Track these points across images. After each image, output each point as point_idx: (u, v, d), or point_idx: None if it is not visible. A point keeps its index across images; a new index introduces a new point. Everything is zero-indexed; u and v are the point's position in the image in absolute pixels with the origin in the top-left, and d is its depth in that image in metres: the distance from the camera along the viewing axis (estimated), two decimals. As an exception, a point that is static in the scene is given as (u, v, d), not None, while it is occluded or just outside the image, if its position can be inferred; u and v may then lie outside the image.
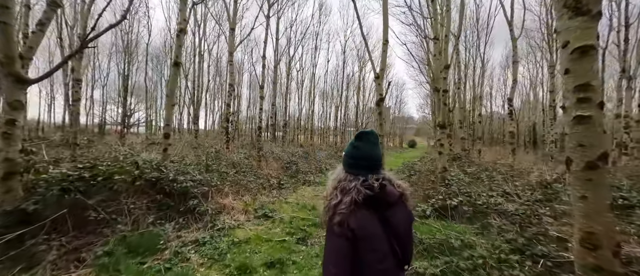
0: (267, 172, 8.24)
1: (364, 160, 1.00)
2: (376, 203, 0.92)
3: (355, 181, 0.94)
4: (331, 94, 31.44)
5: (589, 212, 1.71)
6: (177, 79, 4.66)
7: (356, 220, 0.86)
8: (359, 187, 0.91)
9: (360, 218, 0.87)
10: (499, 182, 5.35)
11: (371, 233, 0.88)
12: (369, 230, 0.88)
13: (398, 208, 0.98)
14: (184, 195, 3.99)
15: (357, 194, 0.90)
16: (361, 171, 0.97)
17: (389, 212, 0.94)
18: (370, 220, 0.90)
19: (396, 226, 0.94)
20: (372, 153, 1.01)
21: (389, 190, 0.96)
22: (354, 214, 0.87)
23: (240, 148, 13.41)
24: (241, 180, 6.09)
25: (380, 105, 3.95)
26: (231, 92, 10.00)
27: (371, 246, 0.87)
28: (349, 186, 0.94)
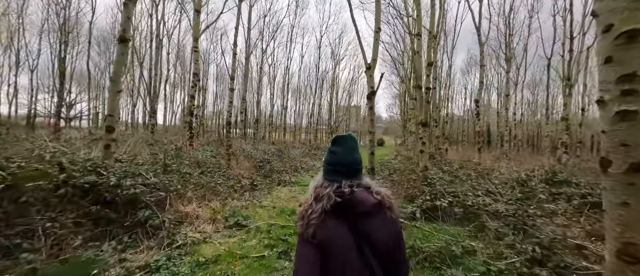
0: (237, 172, 7.44)
1: (341, 166, 0.94)
2: (347, 212, 0.87)
3: (329, 188, 0.91)
4: (305, 91, 30.92)
5: (630, 221, 1.53)
6: (124, 60, 3.75)
7: (323, 231, 0.84)
8: (330, 194, 0.88)
9: (327, 228, 0.85)
10: (478, 181, 5.41)
11: (339, 245, 0.84)
12: (337, 241, 0.84)
13: (376, 218, 0.89)
14: (131, 204, 3.16)
15: (327, 201, 0.87)
16: (338, 177, 0.92)
17: (364, 223, 0.87)
18: (339, 230, 0.86)
19: (372, 238, 0.86)
20: (350, 159, 0.95)
21: (361, 198, 0.89)
22: (323, 224, 0.85)
23: (206, 146, 12.19)
24: (208, 182, 5.29)
25: (371, 99, 3.59)
26: (196, 82, 8.89)
27: (339, 260, 0.82)
28: (322, 193, 0.90)
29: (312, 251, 0.84)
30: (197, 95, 18.85)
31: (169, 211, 3.66)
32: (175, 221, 3.44)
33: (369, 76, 3.82)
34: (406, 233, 3.47)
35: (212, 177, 6.10)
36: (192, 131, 8.94)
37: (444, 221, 3.75)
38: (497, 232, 2.91)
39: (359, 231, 0.86)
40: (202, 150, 10.11)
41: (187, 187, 4.60)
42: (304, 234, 0.87)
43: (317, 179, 0.99)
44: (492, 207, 3.51)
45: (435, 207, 3.94)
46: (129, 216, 3.07)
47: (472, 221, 3.55)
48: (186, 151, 8.62)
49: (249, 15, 12.14)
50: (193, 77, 8.86)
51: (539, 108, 28.22)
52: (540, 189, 4.61)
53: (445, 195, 4.22)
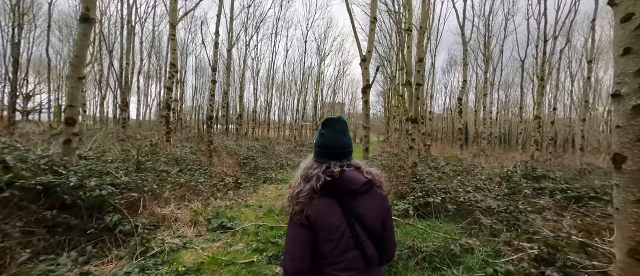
0: (220, 170, 7.02)
1: (331, 148, 0.94)
2: (338, 191, 0.87)
3: (318, 168, 0.91)
4: (289, 87, 30.36)
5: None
6: (87, 42, 3.27)
7: (312, 208, 0.84)
8: (319, 174, 0.89)
9: (316, 206, 0.85)
10: (465, 177, 5.49)
11: (329, 223, 0.84)
12: (326, 219, 0.84)
13: (366, 196, 0.91)
14: (97, 207, 2.75)
15: (316, 181, 0.87)
16: (328, 159, 0.93)
17: (355, 202, 0.88)
18: (329, 209, 0.86)
19: (363, 217, 0.87)
20: (339, 141, 0.95)
21: (351, 176, 0.89)
22: (311, 202, 0.85)
23: (185, 142, 11.49)
24: (187, 181, 4.87)
25: (367, 93, 3.42)
26: (173, 73, 8.23)
27: (329, 237, 0.83)
28: (311, 174, 0.90)
29: (303, 233, 0.83)
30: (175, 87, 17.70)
31: (142, 214, 3.27)
32: (150, 226, 3.07)
33: (364, 68, 3.65)
34: (402, 232, 3.37)
35: (192, 175, 5.67)
36: (169, 126, 8.30)
37: (437, 218, 3.71)
38: (492, 229, 2.88)
39: (351, 210, 0.86)
40: (181, 146, 9.48)
41: (164, 186, 4.18)
42: (294, 216, 0.86)
43: (307, 160, 0.99)
44: (484, 203, 3.51)
45: (428, 204, 3.89)
46: (94, 222, 2.66)
47: (465, 217, 3.53)
48: (163, 147, 8.01)
49: (231, 3, 11.49)
50: (170, 68, 8.19)
51: (510, 107, 29.94)
52: (524, 184, 4.74)
53: (436, 192, 4.19)
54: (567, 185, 4.56)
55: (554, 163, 8.39)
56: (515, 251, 2.49)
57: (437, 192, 4.22)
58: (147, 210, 3.36)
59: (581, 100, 11.80)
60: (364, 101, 3.67)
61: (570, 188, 4.41)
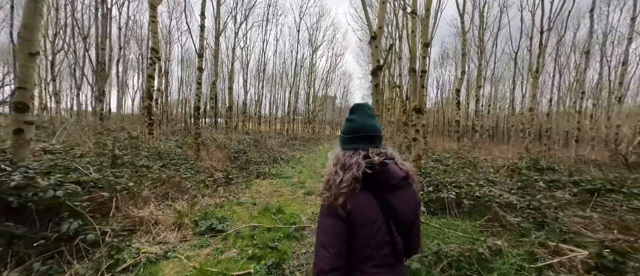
0: (209, 164, 6.47)
1: (360, 132, 0.90)
2: (377, 185, 0.84)
3: (356, 156, 0.86)
4: (281, 79, 29.55)
5: None
6: (39, 8, 2.66)
7: (354, 202, 0.80)
8: (359, 161, 0.83)
9: (358, 200, 0.81)
10: (471, 170, 5.22)
11: (367, 217, 0.81)
12: (365, 213, 0.81)
13: (402, 191, 0.87)
14: (53, 211, 2.22)
15: (357, 169, 0.82)
16: (360, 145, 0.88)
17: (391, 196, 0.84)
18: (368, 202, 0.82)
19: (399, 213, 0.84)
20: (369, 124, 0.91)
21: (392, 170, 0.85)
22: (353, 195, 0.81)
23: (171, 135, 10.76)
24: (171, 177, 4.33)
25: (377, 75, 2.99)
26: (155, 59, 7.50)
27: (366, 232, 0.81)
28: (350, 161, 0.85)
29: (340, 224, 0.80)
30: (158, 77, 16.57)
31: (115, 217, 2.75)
32: (124, 232, 2.57)
33: (374, 47, 3.22)
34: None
35: (177, 171, 5.12)
36: (151, 117, 7.61)
37: (451, 215, 3.39)
38: (520, 228, 2.57)
39: (387, 205, 0.83)
40: (165, 140, 8.80)
41: (143, 183, 3.64)
42: (331, 206, 0.81)
43: (336, 152, 0.94)
44: (502, 198, 3.21)
45: (440, 200, 3.56)
46: (48, 230, 2.14)
47: (482, 214, 3.23)
48: (145, 141, 7.34)
49: (218, -13, 10.68)
50: (151, 53, 7.45)
51: (498, 101, 30.44)
52: (534, 177, 4.51)
53: (447, 186, 3.87)
54: (579, 178, 4.36)
55: (549, 155, 8.35)
56: (552, 254, 2.18)
57: (448, 186, 3.91)
58: (120, 212, 2.84)
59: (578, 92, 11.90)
60: (375, 85, 3.26)
61: (583, 180, 4.21)
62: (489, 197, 3.24)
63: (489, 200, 3.20)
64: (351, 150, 0.88)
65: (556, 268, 2.01)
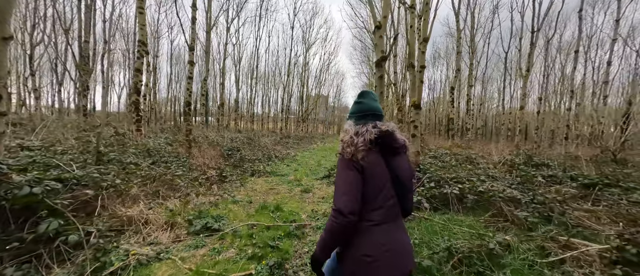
0: (201, 162, 6.23)
1: (369, 111, 1.10)
2: (384, 147, 1.02)
3: (366, 126, 1.05)
4: (273, 78, 29.19)
5: None
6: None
7: (370, 157, 0.97)
8: (370, 129, 1.03)
9: (371, 157, 0.98)
10: (469, 166, 5.22)
11: (379, 172, 0.99)
12: (377, 169, 0.99)
13: (401, 157, 1.08)
14: (30, 210, 1.99)
15: (369, 134, 1.00)
16: (368, 120, 1.09)
17: (394, 159, 1.04)
18: (378, 160, 1.00)
19: (400, 173, 1.02)
20: (374, 106, 1.11)
21: (397, 136, 1.06)
22: (368, 153, 0.98)
23: (160, 133, 10.37)
24: (162, 174, 4.10)
25: (382, 66, 2.87)
26: (142, 52, 7.15)
27: (379, 184, 0.98)
28: (362, 130, 1.03)
29: (357, 175, 0.95)
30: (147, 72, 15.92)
31: (100, 217, 2.53)
32: (110, 232, 2.36)
33: (378, 37, 3.10)
34: (421, 228, 2.94)
35: (168, 168, 4.87)
36: (139, 113, 7.27)
37: (454, 211, 3.33)
38: (530, 223, 2.53)
39: (391, 166, 1.02)
40: (154, 137, 8.45)
41: (131, 181, 3.41)
42: (351, 159, 0.97)
43: (349, 125, 1.11)
44: (505, 193, 3.17)
45: (443, 195, 3.50)
46: (24, 231, 1.92)
47: (485, 209, 3.18)
48: (133, 138, 7.00)
49: (210, -21, 10.35)
50: (139, 46, 7.10)
51: (486, 101, 31.12)
52: (532, 172, 4.53)
53: (449, 182, 3.82)
54: (575, 173, 4.41)
55: (539, 152, 8.52)
56: (563, 248, 2.13)
57: (450, 182, 3.86)
58: (107, 211, 2.62)
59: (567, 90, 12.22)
60: (379, 77, 3.15)
61: (579, 175, 4.26)
62: (493, 192, 3.20)
63: (493, 195, 3.16)
64: (364, 122, 1.07)
65: (568, 262, 1.96)
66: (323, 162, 9.45)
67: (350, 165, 0.96)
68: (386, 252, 0.94)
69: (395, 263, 0.94)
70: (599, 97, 13.79)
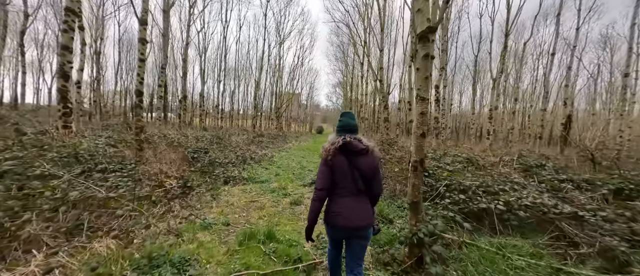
0: (157, 169, 4.81)
1: (345, 127, 1.69)
2: (346, 151, 1.59)
3: (339, 138, 1.62)
4: (244, 72, 27.10)
5: None
6: None
7: (335, 158, 1.57)
8: (339, 141, 1.60)
9: (337, 158, 1.58)
10: (477, 171, 4.73)
11: (340, 167, 1.57)
12: (339, 165, 1.57)
13: (363, 157, 1.59)
14: None
15: (337, 144, 1.59)
16: (344, 133, 1.65)
17: (356, 159, 1.58)
18: (341, 159, 1.58)
19: (359, 167, 1.57)
20: (349, 123, 1.69)
21: (355, 144, 1.59)
22: (335, 156, 1.57)
23: (102, 131, 8.34)
24: (86, 196, 2.74)
25: (427, 40, 2.04)
26: (71, 23, 5.36)
27: (339, 174, 1.58)
28: (335, 140, 1.62)
29: (327, 169, 1.58)
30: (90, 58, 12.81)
31: None
32: None
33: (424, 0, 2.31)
34: (468, 259, 2.19)
35: (105, 181, 3.45)
36: (68, 105, 5.47)
37: (490, 229, 2.67)
38: (621, 253, 1.93)
39: (352, 162, 1.57)
40: (92, 136, 6.59)
41: (30, 210, 2.07)
42: (326, 159, 1.59)
43: (333, 135, 1.71)
44: (558, 208, 2.59)
45: (480, 212, 2.82)
46: None
47: (534, 228, 2.57)
48: (58, 138, 5.22)
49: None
50: (66, 16, 5.30)
51: (454, 102, 32.96)
52: (548, 177, 4.17)
53: (477, 192, 3.17)
54: (590, 176, 4.13)
55: (510, 152, 8.66)
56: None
57: (477, 191, 3.22)
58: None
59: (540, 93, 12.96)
60: (423, 56, 2.30)
61: (594, 179, 3.99)
62: (548, 208, 2.60)
63: (547, 211, 2.56)
64: (339, 135, 1.65)
65: None
66: (305, 164, 8.49)
67: (325, 163, 1.58)
68: (345, 210, 1.57)
69: (350, 217, 1.56)
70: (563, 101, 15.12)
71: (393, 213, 3.59)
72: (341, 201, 1.56)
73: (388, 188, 4.55)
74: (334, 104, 45.41)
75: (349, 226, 1.54)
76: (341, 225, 1.55)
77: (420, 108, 2.27)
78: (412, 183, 2.27)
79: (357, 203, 1.57)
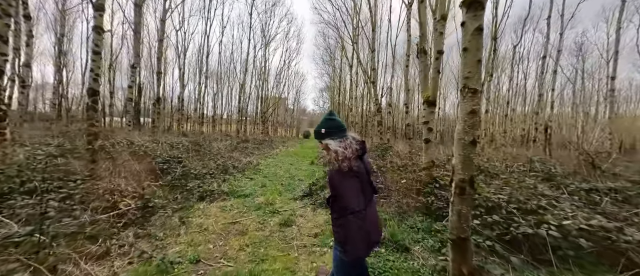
0: (114, 184, 3.87)
1: (340, 127, 1.48)
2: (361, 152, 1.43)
3: (347, 139, 1.43)
4: (227, 75, 25.93)
5: None
6: None
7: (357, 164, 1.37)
8: (352, 142, 1.42)
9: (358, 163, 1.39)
10: (494, 179, 4.22)
11: (362, 171, 1.41)
12: (361, 169, 1.41)
13: (365, 156, 1.49)
14: None
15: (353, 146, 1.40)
16: (340, 133, 1.45)
17: (363, 159, 1.46)
18: (360, 164, 1.41)
19: (367, 168, 1.48)
20: (341, 123, 1.50)
21: (365, 146, 1.49)
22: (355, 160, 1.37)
23: (55, 138, 7.10)
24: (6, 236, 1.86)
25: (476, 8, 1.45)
26: (6, 8, 4.33)
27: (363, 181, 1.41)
28: (347, 144, 1.40)
29: (354, 179, 1.35)
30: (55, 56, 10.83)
31: None
32: None
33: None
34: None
35: (32, 208, 2.53)
36: (1, 107, 4.39)
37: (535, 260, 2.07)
38: None
39: (364, 164, 1.45)
40: (37, 145, 5.46)
41: None
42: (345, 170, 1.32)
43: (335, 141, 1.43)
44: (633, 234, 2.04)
45: (524, 238, 2.22)
46: None
47: (601, 262, 2.00)
48: (-15, 147, 4.13)
49: None
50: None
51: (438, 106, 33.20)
52: (572, 186, 3.70)
53: (515, 214, 2.59)
54: (617, 185, 3.71)
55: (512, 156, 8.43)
56: None
57: (508, 207, 2.64)
58: None
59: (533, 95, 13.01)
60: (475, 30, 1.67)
61: (624, 188, 3.57)
62: (611, 232, 2.04)
63: (612, 238, 2.00)
64: (338, 136, 1.43)
65: None
66: (294, 172, 7.72)
67: (350, 174, 1.32)
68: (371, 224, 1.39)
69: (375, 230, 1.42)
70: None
71: (407, 238, 2.94)
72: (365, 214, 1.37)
73: (394, 203, 3.91)
74: (321, 108, 44.96)
75: (377, 241, 1.45)
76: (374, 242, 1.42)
77: (469, 104, 1.65)
78: (457, 212, 1.63)
79: (373, 209, 1.46)
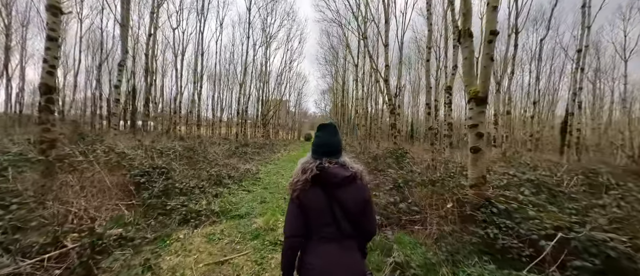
0: (74, 208, 2.98)
1: (323, 147, 1.20)
2: (323, 182, 1.13)
3: (313, 163, 1.16)
4: (226, 77, 25.14)
5: None
6: None
7: (305, 194, 1.13)
8: (312, 167, 1.14)
9: (307, 193, 1.13)
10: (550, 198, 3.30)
11: (314, 206, 1.13)
12: (313, 204, 1.13)
13: (349, 187, 1.13)
14: None
15: (309, 174, 1.13)
16: (321, 156, 1.18)
17: (337, 190, 1.13)
18: (315, 195, 1.13)
19: (343, 202, 1.12)
20: (329, 141, 1.21)
21: (334, 172, 1.13)
22: (306, 191, 1.13)
23: (16, 145, 6.21)
24: None
25: None
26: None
27: (315, 215, 1.13)
28: (307, 167, 1.16)
29: (297, 209, 1.14)
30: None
31: None
32: None
33: None
34: None
35: None
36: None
37: None
38: None
39: (333, 197, 1.13)
40: (-7, 153, 4.58)
41: None
42: (292, 197, 1.16)
43: (307, 157, 1.22)
44: None
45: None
46: None
47: None
48: None
49: None
50: None
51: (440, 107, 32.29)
52: None
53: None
54: None
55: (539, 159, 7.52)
56: None
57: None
58: None
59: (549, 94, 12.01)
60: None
61: None
62: None
63: None
64: (315, 158, 1.19)
65: None
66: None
67: (293, 201, 1.15)
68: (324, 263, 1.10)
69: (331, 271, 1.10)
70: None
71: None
72: (318, 250, 1.13)
73: (435, 234, 2.97)
74: (322, 111, 43.96)
75: None
76: None
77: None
78: None
79: (340, 251, 1.14)
